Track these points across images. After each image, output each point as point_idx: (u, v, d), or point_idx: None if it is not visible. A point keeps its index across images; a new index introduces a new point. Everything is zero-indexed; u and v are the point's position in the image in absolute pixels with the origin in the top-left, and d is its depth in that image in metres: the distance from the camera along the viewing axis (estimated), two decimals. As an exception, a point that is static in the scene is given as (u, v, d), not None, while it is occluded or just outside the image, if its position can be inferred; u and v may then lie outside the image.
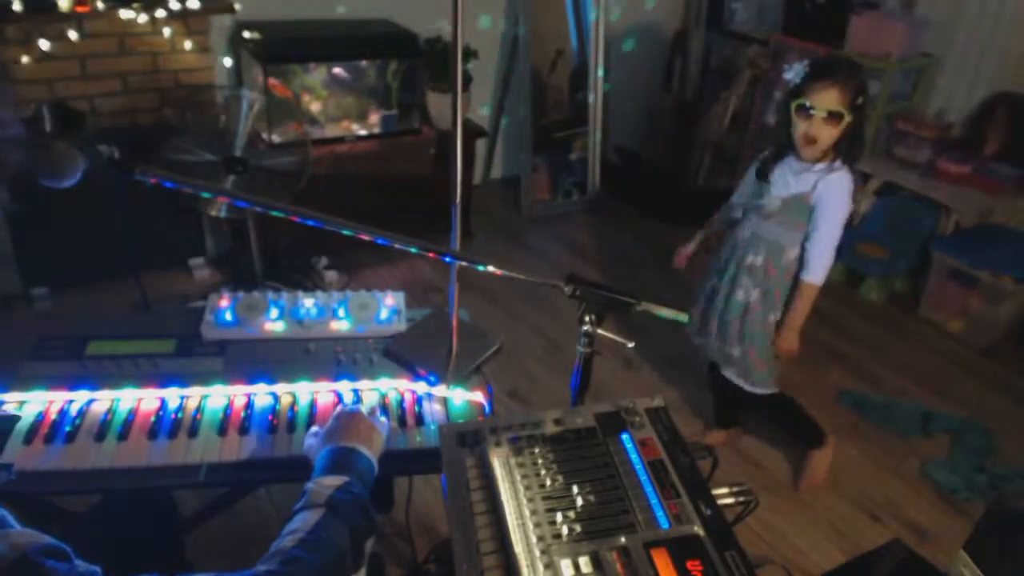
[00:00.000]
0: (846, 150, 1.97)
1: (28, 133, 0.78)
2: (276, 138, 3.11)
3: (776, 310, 2.15)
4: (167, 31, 2.99)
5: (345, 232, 1.16)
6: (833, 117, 1.88)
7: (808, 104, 1.89)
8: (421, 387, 1.45)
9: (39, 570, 0.73)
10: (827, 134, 1.91)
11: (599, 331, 1.24)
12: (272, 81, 3.06)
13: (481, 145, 4.13)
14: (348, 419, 1.19)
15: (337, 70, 3.33)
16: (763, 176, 2.08)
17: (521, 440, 1.14)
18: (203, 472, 1.26)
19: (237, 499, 2.05)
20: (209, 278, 3.27)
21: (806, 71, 1.92)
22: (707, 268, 2.34)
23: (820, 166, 1.99)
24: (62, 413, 1.33)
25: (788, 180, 2.04)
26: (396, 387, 1.45)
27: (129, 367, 1.42)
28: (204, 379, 1.41)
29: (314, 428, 1.27)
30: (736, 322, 2.19)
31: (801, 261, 2.08)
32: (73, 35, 2.83)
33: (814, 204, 2.00)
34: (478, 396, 1.44)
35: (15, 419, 1.28)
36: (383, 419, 1.27)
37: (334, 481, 1.05)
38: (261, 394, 1.41)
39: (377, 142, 3.37)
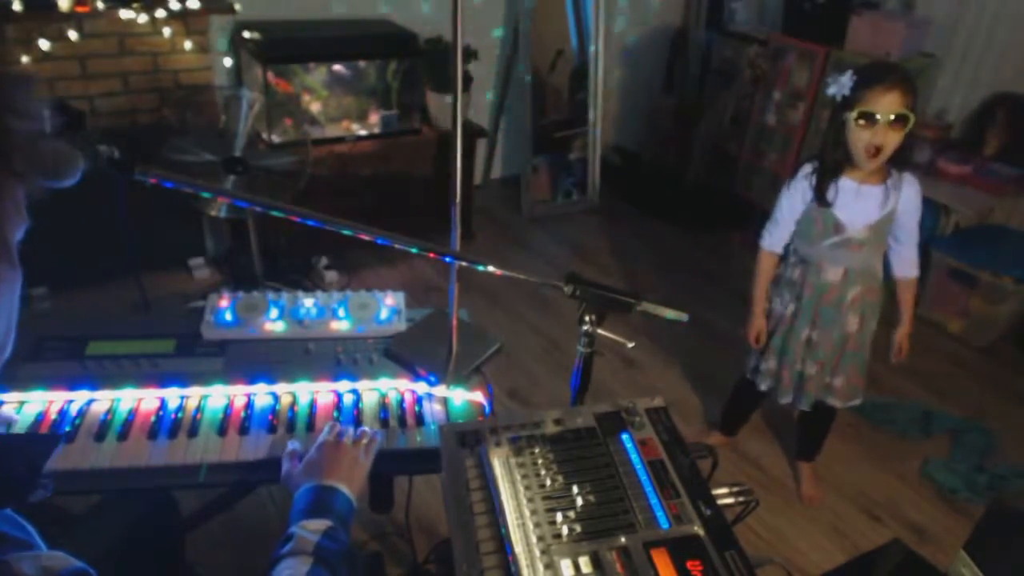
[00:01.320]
0: (904, 157, 1.90)
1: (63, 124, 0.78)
2: (276, 138, 3.11)
3: (875, 320, 2.12)
4: (167, 31, 2.99)
5: (345, 232, 1.16)
6: (899, 121, 1.80)
7: (873, 112, 1.79)
8: (421, 387, 1.45)
9: None
10: (893, 140, 1.82)
11: (599, 331, 1.24)
12: (272, 79, 3.06)
13: (481, 145, 4.13)
14: (331, 453, 1.16)
15: (337, 70, 3.33)
16: (823, 200, 1.96)
17: (521, 440, 1.14)
18: (203, 472, 1.26)
19: (237, 499, 2.05)
20: (209, 278, 3.27)
21: (855, 80, 1.83)
22: (771, 319, 2.21)
23: (889, 182, 1.94)
24: (62, 413, 1.33)
25: (865, 207, 1.95)
26: (396, 387, 1.45)
27: (129, 367, 1.43)
28: (204, 379, 1.41)
29: (291, 446, 1.23)
30: (837, 355, 2.13)
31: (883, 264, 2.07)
32: (73, 35, 2.83)
33: (900, 213, 1.97)
34: (478, 396, 1.44)
35: (58, 438, 1.25)
36: (377, 438, 1.25)
37: (318, 526, 1.03)
38: (261, 394, 1.41)
39: (377, 142, 3.37)
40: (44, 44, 2.78)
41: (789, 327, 2.14)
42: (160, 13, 2.90)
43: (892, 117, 1.79)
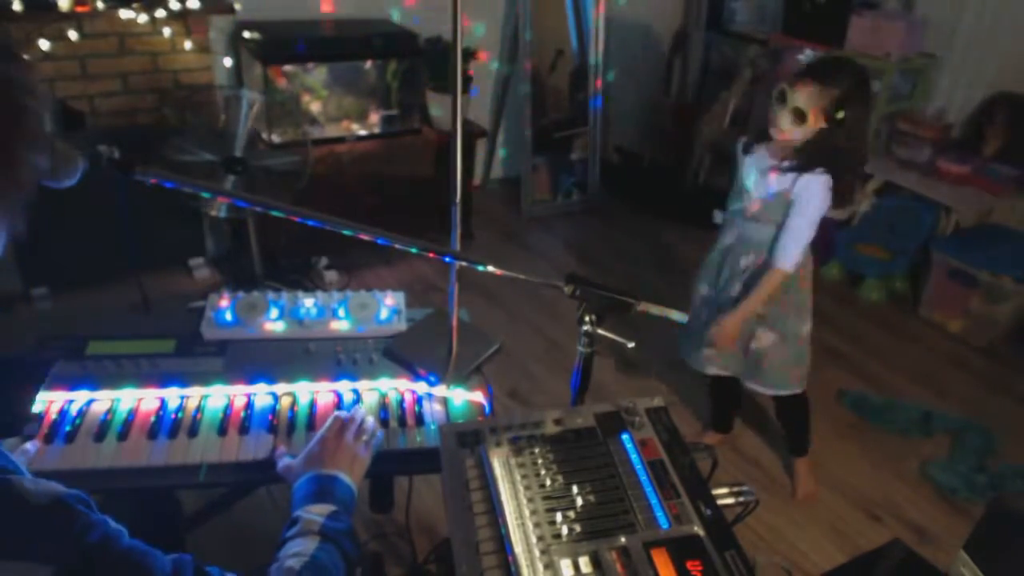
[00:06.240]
0: (822, 160, 1.89)
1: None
2: (276, 138, 3.11)
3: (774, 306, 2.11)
4: (167, 31, 2.99)
5: (345, 232, 1.16)
6: (797, 115, 1.84)
7: (785, 92, 1.85)
8: (421, 387, 1.45)
9: (73, 512, 0.75)
10: (790, 128, 1.86)
11: (599, 331, 1.24)
12: (273, 77, 3.06)
13: (481, 145, 4.13)
14: (331, 445, 1.17)
15: (337, 70, 3.33)
16: (745, 149, 2.05)
17: (521, 440, 1.14)
18: (203, 472, 1.26)
19: (237, 499, 2.05)
20: (209, 278, 3.27)
21: (806, 62, 1.91)
22: (696, 279, 2.26)
23: (793, 164, 1.94)
24: (62, 413, 1.33)
25: (763, 180, 1.99)
26: (396, 387, 1.45)
27: (129, 367, 1.42)
28: (204, 379, 1.41)
29: (281, 448, 1.26)
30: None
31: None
32: (73, 35, 2.83)
33: (793, 199, 1.95)
34: (478, 396, 1.44)
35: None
36: (378, 433, 1.26)
37: (323, 509, 1.05)
38: (261, 394, 1.41)
39: (377, 142, 3.37)
40: (44, 44, 2.78)
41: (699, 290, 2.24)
42: (160, 13, 2.90)
43: (793, 106, 1.84)
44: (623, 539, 0.98)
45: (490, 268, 1.26)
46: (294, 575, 0.93)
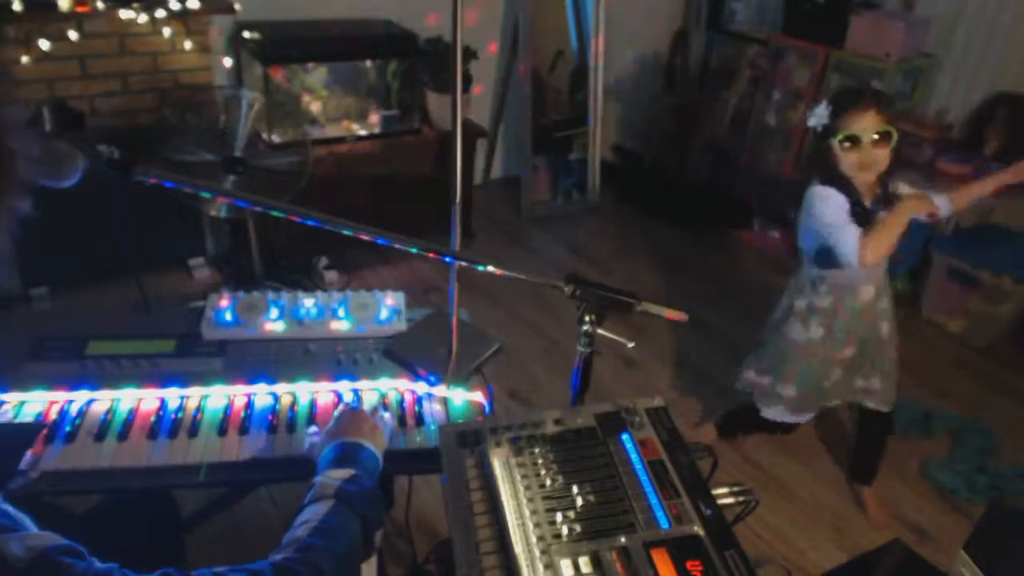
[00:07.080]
0: (891, 169, 1.96)
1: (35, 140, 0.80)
2: (276, 138, 3.11)
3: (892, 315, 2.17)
4: (167, 31, 2.99)
5: (345, 232, 1.16)
6: (883, 138, 1.85)
7: (856, 134, 1.85)
8: (421, 387, 1.45)
9: (57, 567, 0.75)
10: (880, 156, 1.88)
11: (599, 331, 1.24)
12: (273, 78, 3.06)
13: (481, 145, 4.13)
14: (351, 417, 1.20)
15: (337, 70, 3.33)
16: (864, 221, 1.95)
17: (521, 440, 1.14)
18: (203, 472, 1.26)
19: (237, 499, 2.06)
20: (209, 278, 3.27)
21: (831, 108, 1.89)
22: (815, 357, 2.17)
23: (879, 193, 2.00)
24: (62, 413, 1.33)
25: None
26: (396, 387, 1.46)
27: (129, 367, 1.43)
28: (204, 379, 1.41)
29: (312, 428, 1.27)
30: (878, 355, 2.18)
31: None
32: (73, 35, 2.83)
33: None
34: (478, 396, 1.44)
35: (40, 427, 1.28)
36: (387, 415, 1.29)
37: (342, 473, 1.06)
38: (261, 394, 1.41)
39: (377, 142, 3.37)
40: (44, 44, 2.78)
41: (818, 354, 2.15)
42: (160, 13, 2.90)
43: (875, 136, 1.86)
44: (623, 539, 0.98)
45: (490, 268, 1.26)
46: (300, 544, 0.94)
